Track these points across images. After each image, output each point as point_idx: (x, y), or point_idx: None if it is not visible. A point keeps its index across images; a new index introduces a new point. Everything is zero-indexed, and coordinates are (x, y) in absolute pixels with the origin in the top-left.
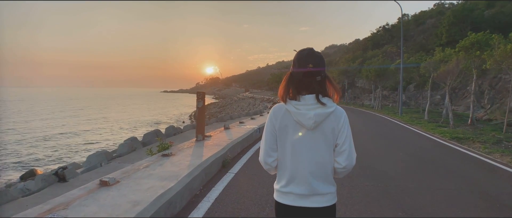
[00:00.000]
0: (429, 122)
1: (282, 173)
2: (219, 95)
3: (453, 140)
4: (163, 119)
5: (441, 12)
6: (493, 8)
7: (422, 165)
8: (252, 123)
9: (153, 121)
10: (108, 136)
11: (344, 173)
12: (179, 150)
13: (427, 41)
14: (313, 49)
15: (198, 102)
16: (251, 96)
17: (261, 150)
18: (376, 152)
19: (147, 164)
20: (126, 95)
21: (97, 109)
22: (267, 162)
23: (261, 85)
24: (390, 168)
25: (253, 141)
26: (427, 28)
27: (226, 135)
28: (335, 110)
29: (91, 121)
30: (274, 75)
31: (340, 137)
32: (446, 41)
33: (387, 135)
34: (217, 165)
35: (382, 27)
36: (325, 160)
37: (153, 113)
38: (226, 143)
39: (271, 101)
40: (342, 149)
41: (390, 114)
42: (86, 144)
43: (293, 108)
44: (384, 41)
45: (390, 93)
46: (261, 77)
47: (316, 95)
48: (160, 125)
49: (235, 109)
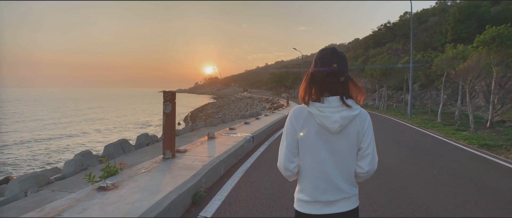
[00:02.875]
0: (444, 125)
1: (304, 180)
2: (218, 95)
3: (482, 148)
4: (154, 120)
5: (444, 10)
6: (498, 5)
7: (474, 192)
8: (246, 130)
9: (144, 122)
10: (92, 138)
11: (365, 178)
12: (129, 178)
13: (431, 39)
14: (336, 48)
15: (165, 106)
16: (249, 96)
17: (281, 155)
18: (402, 170)
19: (63, 207)
20: (124, 95)
21: (93, 109)
22: (289, 168)
23: (260, 85)
24: (433, 199)
25: (243, 155)
26: (430, 26)
27: (208, 148)
28: (360, 112)
29: (79, 123)
30: (272, 74)
31: (364, 141)
32: (452, 38)
33: (405, 143)
34: (182, 204)
35: (383, 25)
36: (349, 164)
37: (147, 113)
38: (203, 163)
39: (270, 102)
40: (365, 153)
41: (398, 116)
42: (58, 151)
43: (317, 110)
44: (386, 40)
45: (393, 92)
46: (260, 77)
47: (340, 96)
48: (149, 128)
49: (232, 110)
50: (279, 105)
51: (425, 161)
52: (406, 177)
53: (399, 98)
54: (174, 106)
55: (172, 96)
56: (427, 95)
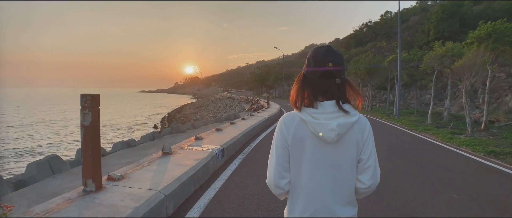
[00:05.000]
0: (436, 127)
1: (297, 198)
2: (198, 95)
3: (489, 156)
4: (125, 122)
5: (425, 9)
6: (480, 4)
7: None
8: (215, 139)
9: (115, 124)
10: (52, 141)
11: (366, 194)
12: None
13: (413, 38)
14: (332, 46)
15: (84, 115)
16: (229, 96)
17: (271, 170)
18: (414, 192)
19: None
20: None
21: (64, 110)
22: (280, 185)
23: (241, 84)
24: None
25: (208, 178)
26: (412, 25)
27: (155, 173)
28: (359, 119)
29: (41, 124)
30: (253, 74)
31: (364, 152)
32: (434, 37)
33: (403, 151)
34: None
35: (365, 24)
36: (349, 179)
37: (122, 115)
38: (137, 204)
39: (250, 102)
40: (366, 165)
41: (384, 117)
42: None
43: (310, 117)
44: (368, 39)
45: (376, 92)
46: (241, 77)
47: (336, 101)
48: (119, 131)
49: (211, 111)
50: (259, 106)
51: (436, 178)
52: (422, 204)
53: (382, 98)
54: (97, 115)
55: (93, 100)
56: (410, 94)
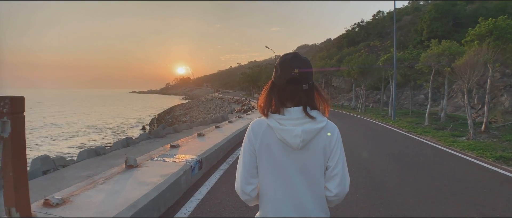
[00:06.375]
0: (435, 129)
1: (266, 204)
2: (189, 95)
3: (499, 162)
4: (111, 123)
5: (417, 9)
6: (473, 3)
7: None
8: (194, 147)
9: (102, 125)
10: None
11: (335, 202)
12: None
13: (406, 38)
14: (298, 53)
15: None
16: (220, 97)
17: (238, 176)
18: (427, 212)
19: None
20: (90, 96)
21: (56, 112)
22: (246, 191)
23: (233, 85)
24: None
25: (179, 198)
26: (404, 25)
27: (108, 194)
28: (327, 125)
29: None
30: (245, 74)
31: (332, 159)
32: (427, 36)
33: (406, 159)
34: None
35: (357, 24)
36: (318, 184)
37: (111, 115)
38: None
39: (240, 103)
40: (333, 173)
41: (379, 118)
42: None
43: (276, 123)
44: (360, 38)
45: (369, 92)
46: (233, 77)
47: (303, 107)
48: (102, 132)
49: (201, 112)
50: (249, 108)
51: (449, 193)
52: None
53: (375, 98)
54: (21, 124)
55: (13, 105)
56: (404, 94)
